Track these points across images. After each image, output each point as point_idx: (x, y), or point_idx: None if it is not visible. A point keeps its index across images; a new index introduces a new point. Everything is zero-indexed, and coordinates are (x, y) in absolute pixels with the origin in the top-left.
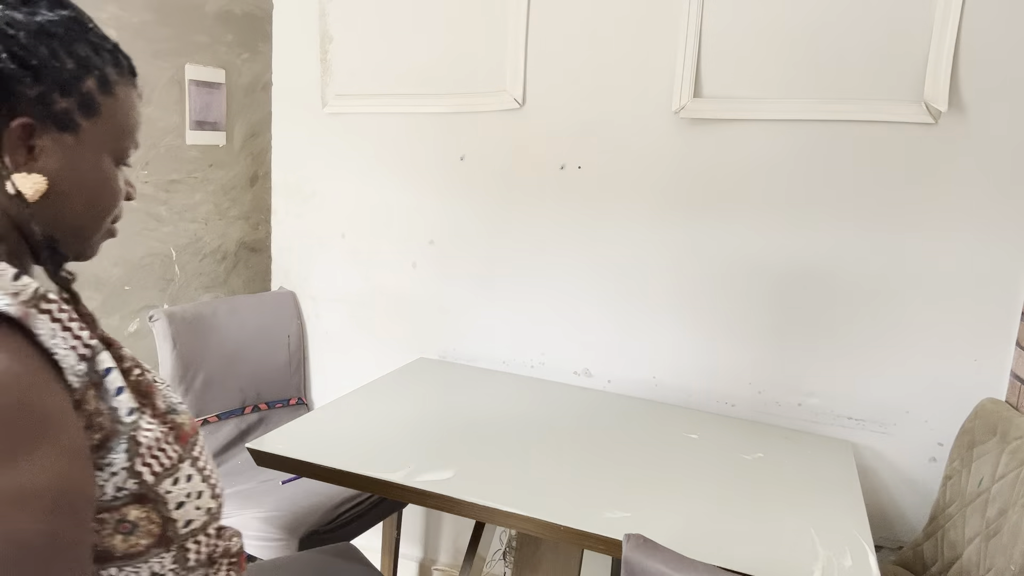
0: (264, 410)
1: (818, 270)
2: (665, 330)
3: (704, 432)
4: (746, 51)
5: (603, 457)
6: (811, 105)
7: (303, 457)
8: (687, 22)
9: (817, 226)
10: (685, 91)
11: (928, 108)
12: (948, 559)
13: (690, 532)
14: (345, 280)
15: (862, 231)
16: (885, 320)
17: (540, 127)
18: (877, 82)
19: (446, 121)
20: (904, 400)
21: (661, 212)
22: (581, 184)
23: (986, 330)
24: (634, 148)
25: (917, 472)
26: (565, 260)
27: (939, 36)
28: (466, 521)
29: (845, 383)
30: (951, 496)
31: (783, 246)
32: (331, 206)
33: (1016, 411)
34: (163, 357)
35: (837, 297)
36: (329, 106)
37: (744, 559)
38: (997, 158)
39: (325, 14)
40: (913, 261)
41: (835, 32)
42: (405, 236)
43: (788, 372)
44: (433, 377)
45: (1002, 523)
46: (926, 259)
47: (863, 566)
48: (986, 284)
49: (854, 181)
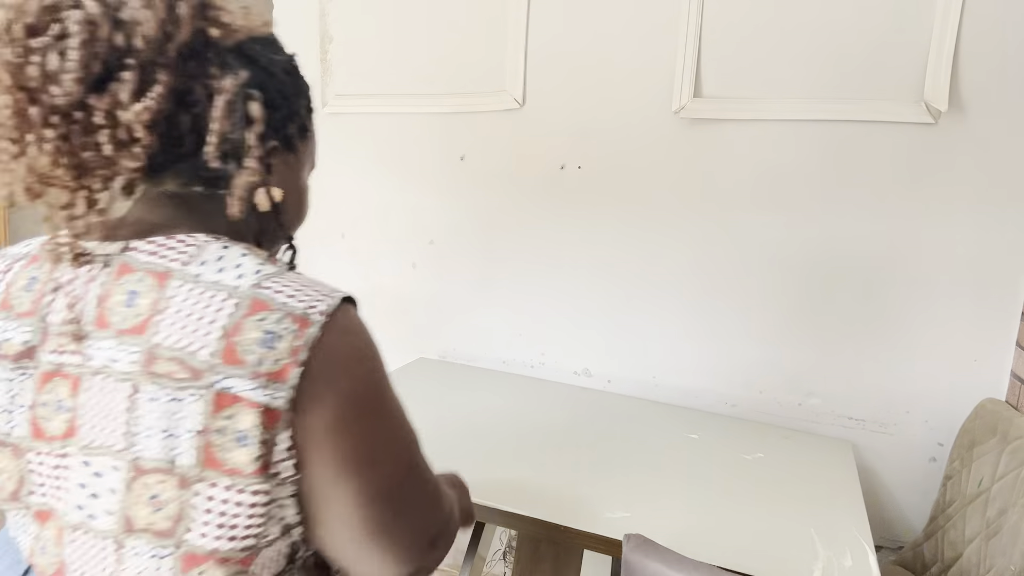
0: None
1: (818, 270)
2: (665, 330)
3: (704, 432)
4: (746, 51)
5: (603, 457)
6: (811, 105)
7: None
8: (687, 22)
9: (817, 226)
10: (685, 91)
11: (928, 108)
12: (948, 559)
13: (690, 532)
14: (345, 280)
15: (862, 231)
16: (885, 320)
17: (540, 127)
18: (877, 82)
19: (446, 121)
20: (904, 400)
21: (661, 212)
22: (581, 184)
23: (986, 330)
24: (634, 148)
25: (917, 472)
26: (565, 260)
27: (939, 36)
28: None
29: (845, 383)
30: (951, 496)
31: (783, 246)
32: (331, 206)
33: (1016, 411)
34: None
35: (837, 297)
36: (329, 106)
37: (744, 559)
38: (997, 158)
39: (325, 14)
40: (913, 261)
41: (835, 32)
42: (405, 236)
43: (788, 372)
44: (433, 377)
45: (1002, 523)
46: (926, 259)
47: (863, 566)
48: (986, 284)
49: (854, 181)
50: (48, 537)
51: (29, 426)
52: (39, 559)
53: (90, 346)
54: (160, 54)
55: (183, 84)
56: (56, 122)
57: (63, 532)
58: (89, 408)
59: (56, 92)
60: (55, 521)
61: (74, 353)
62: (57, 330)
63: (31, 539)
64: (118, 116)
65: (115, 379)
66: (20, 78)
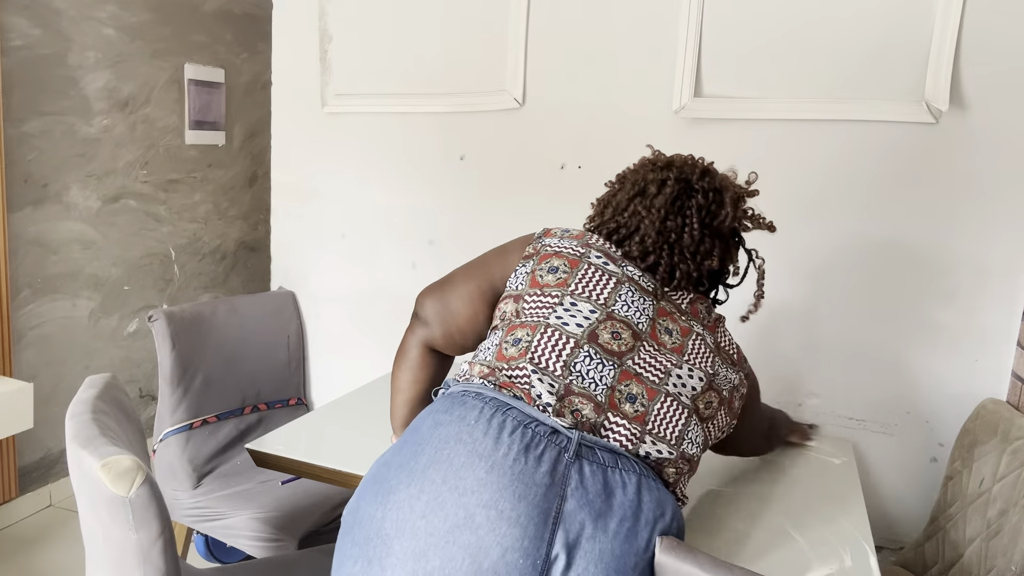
0: (263, 410)
1: (817, 270)
2: None
3: None
4: (746, 51)
5: None
6: (811, 105)
7: (302, 458)
8: (687, 22)
9: (817, 226)
10: (685, 91)
11: (929, 107)
12: (949, 559)
13: (689, 532)
14: (345, 280)
15: (862, 231)
16: (886, 320)
17: (540, 127)
18: (878, 81)
19: (446, 121)
20: (905, 400)
21: None
22: (581, 184)
23: (987, 330)
24: (634, 148)
25: (918, 472)
26: None
27: (940, 35)
28: None
29: (846, 383)
30: (952, 496)
31: (782, 246)
32: (331, 206)
33: (1017, 411)
34: (162, 357)
35: (837, 297)
36: (329, 106)
37: (744, 559)
38: (998, 158)
39: (325, 14)
40: (913, 261)
41: (835, 32)
42: (405, 236)
43: (788, 372)
44: None
45: (1003, 523)
46: (927, 259)
47: (864, 566)
48: (987, 284)
49: (854, 181)
50: (630, 391)
51: (650, 326)
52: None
53: (690, 321)
54: (721, 232)
55: (723, 251)
56: (666, 249)
57: (658, 394)
58: (691, 347)
59: (674, 237)
60: (639, 384)
61: (680, 316)
62: (669, 298)
63: (606, 377)
64: (697, 258)
65: (707, 341)
66: (662, 227)
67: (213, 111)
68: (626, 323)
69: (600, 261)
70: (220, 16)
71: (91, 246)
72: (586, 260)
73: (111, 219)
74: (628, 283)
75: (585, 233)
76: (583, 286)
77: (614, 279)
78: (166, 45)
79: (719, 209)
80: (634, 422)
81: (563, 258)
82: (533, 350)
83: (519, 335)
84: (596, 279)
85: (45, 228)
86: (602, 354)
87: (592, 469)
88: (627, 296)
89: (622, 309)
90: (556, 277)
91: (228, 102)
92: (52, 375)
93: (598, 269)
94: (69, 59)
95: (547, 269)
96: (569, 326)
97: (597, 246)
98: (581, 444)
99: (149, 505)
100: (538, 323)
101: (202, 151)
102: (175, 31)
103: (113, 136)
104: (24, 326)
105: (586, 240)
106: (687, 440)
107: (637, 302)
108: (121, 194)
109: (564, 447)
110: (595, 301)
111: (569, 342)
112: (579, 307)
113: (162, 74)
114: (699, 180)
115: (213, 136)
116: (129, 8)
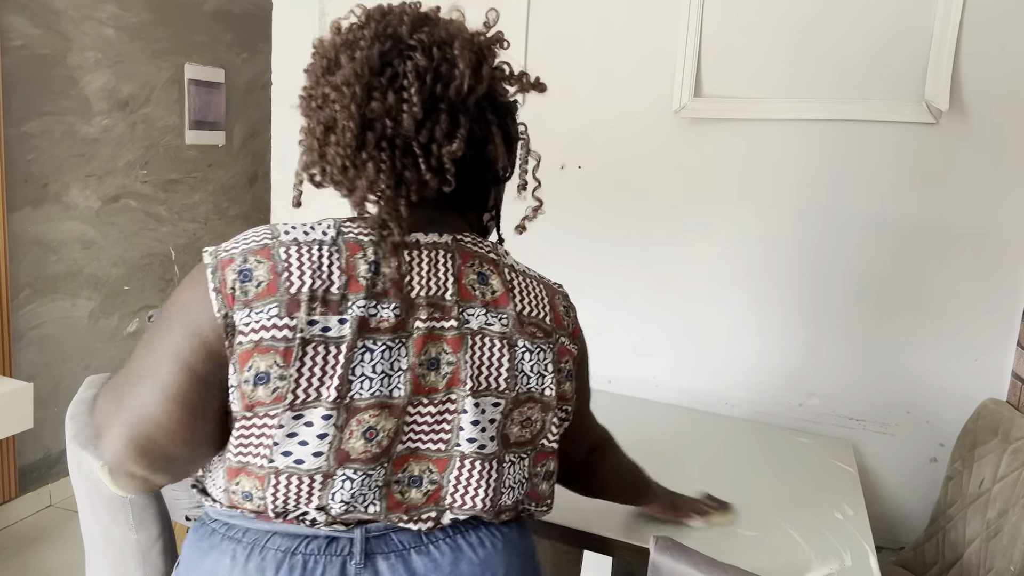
0: None
1: (818, 270)
2: (664, 330)
3: (704, 432)
4: (746, 51)
5: None
6: (812, 105)
7: None
8: (687, 22)
9: (817, 226)
10: (685, 91)
11: (929, 108)
12: (949, 560)
13: (687, 532)
14: None
15: (862, 231)
16: (886, 320)
17: (540, 127)
18: (878, 82)
19: None
20: (905, 400)
21: (660, 212)
22: (581, 184)
23: (987, 330)
24: (634, 148)
25: (918, 473)
26: (563, 259)
27: (940, 35)
28: None
29: (846, 383)
30: (952, 497)
31: (782, 246)
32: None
33: (1018, 411)
34: None
35: (837, 297)
36: None
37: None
38: (998, 158)
39: (325, 14)
40: (913, 261)
41: (836, 32)
42: None
43: (789, 372)
44: None
45: (1003, 524)
46: (927, 259)
47: (864, 566)
48: (987, 284)
49: (854, 181)
50: (411, 474)
51: (410, 385)
52: (382, 499)
53: (463, 314)
54: (463, 103)
55: (476, 129)
56: (384, 147)
57: (449, 462)
58: (470, 360)
59: (389, 125)
60: (421, 462)
61: (446, 319)
62: (424, 302)
63: (375, 485)
64: (431, 149)
65: (494, 337)
66: (365, 111)
67: (213, 111)
68: (378, 405)
69: (317, 329)
70: (220, 16)
71: (91, 246)
72: (299, 337)
73: (111, 219)
74: (361, 336)
75: (271, 240)
76: (306, 387)
77: (343, 346)
78: (166, 45)
79: (451, 69)
80: (427, 505)
81: (272, 353)
82: (272, 507)
83: (246, 487)
84: (321, 364)
85: (45, 228)
86: (362, 468)
87: (390, 563)
88: (367, 361)
89: (365, 388)
90: (270, 390)
91: (228, 102)
92: (52, 375)
93: (319, 344)
94: (69, 59)
95: (254, 378)
96: (305, 463)
97: (303, 294)
98: (368, 539)
99: (149, 505)
100: (265, 473)
101: (202, 151)
102: (175, 31)
103: (113, 136)
104: (24, 326)
105: (282, 276)
106: (505, 491)
107: (381, 361)
108: (121, 194)
109: (347, 554)
110: (327, 401)
111: (315, 482)
112: (309, 421)
113: (162, 74)
114: (414, 32)
115: (213, 136)
116: (129, 8)
